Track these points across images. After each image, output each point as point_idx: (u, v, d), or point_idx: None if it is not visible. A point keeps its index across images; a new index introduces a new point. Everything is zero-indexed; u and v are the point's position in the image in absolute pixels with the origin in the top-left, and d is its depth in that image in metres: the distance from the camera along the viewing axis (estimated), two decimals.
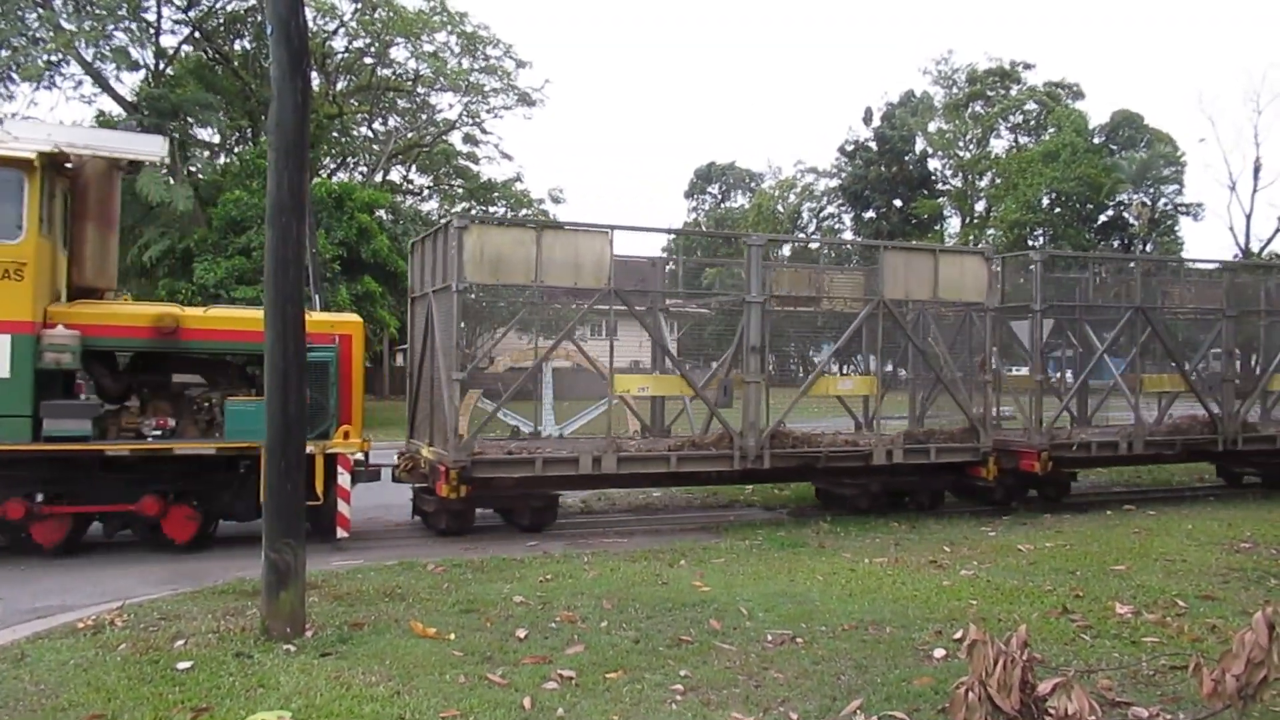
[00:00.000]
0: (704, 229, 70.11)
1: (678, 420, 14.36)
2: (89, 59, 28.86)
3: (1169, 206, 51.94)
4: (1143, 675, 5.88)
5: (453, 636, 6.56)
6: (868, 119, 59.38)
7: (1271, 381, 15.75)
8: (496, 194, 39.54)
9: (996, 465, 13.13)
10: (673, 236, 25.93)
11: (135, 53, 30.22)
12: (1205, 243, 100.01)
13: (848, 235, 59.26)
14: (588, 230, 11.56)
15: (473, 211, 39.48)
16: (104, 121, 30.03)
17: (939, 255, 13.21)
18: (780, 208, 63.69)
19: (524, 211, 38.84)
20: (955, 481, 13.63)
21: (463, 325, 11.57)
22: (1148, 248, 49.44)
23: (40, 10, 27.38)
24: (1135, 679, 5.82)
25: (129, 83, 31.03)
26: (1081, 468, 14.79)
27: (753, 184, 77.72)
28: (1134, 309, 14.29)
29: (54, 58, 28.29)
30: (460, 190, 40.79)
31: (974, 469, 13.20)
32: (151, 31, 30.71)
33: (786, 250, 53.24)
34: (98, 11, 28.42)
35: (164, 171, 28.46)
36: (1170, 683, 5.72)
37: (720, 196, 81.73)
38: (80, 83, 30.42)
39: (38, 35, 27.49)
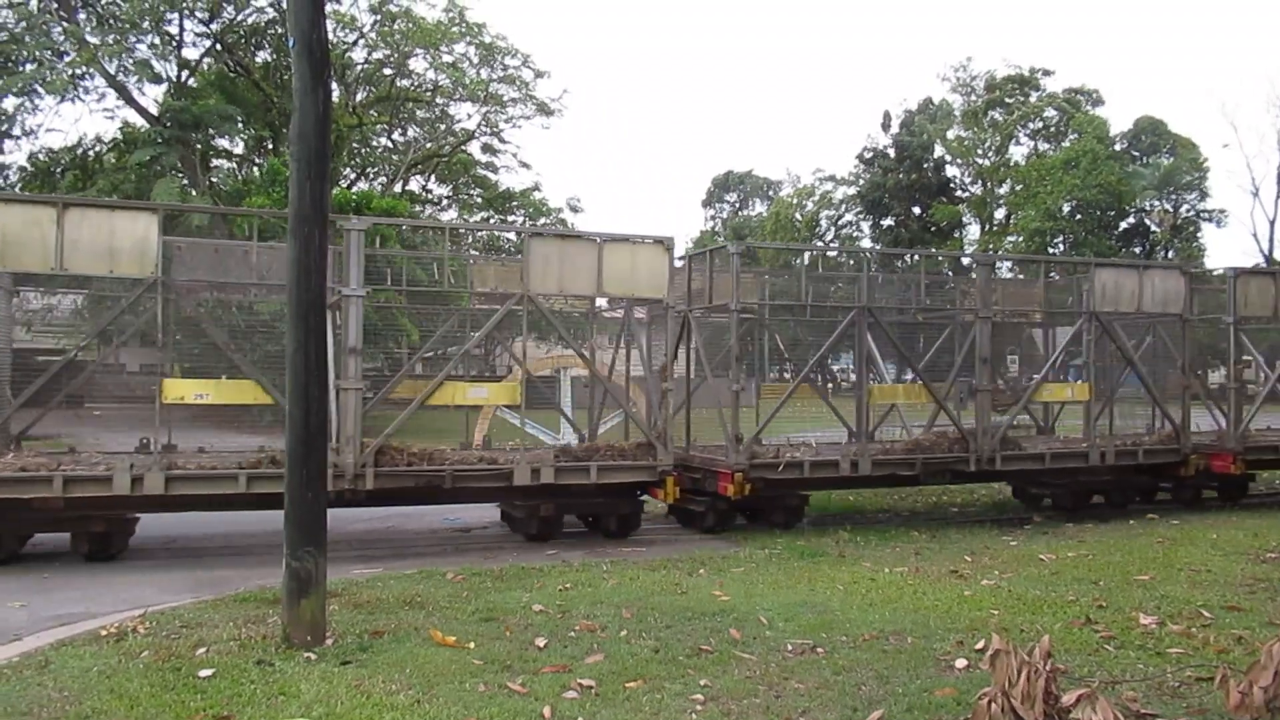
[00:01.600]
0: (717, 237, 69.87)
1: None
2: (112, 72, 29.20)
3: (1191, 213, 51.51)
4: (1168, 687, 5.82)
5: (472, 645, 6.57)
6: (886, 125, 59.19)
7: (1039, 392, 14.60)
8: (515, 203, 39.66)
9: (676, 485, 11.78)
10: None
11: (158, 65, 30.60)
12: (1229, 249, 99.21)
13: (865, 243, 59.04)
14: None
15: (490, 220, 39.71)
16: (128, 134, 30.37)
17: (603, 245, 11.67)
18: (798, 215, 63.55)
19: (542, 220, 38.92)
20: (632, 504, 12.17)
21: None
22: (1170, 255, 49.05)
23: (64, 24, 27.71)
24: (1160, 690, 5.76)
25: (151, 95, 31.36)
26: (804, 489, 12.83)
27: (770, 192, 77.71)
28: (858, 309, 12.75)
29: (78, 71, 28.62)
30: (479, 200, 40.95)
31: (652, 490, 11.94)
32: (174, 44, 31.09)
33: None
34: (121, 25, 28.78)
35: (184, 182, 28.78)
36: (1196, 694, 5.66)
37: (738, 205, 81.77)
38: (104, 95, 30.80)
39: (62, 49, 27.84)
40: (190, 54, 32.09)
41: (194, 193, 28.59)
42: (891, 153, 58.48)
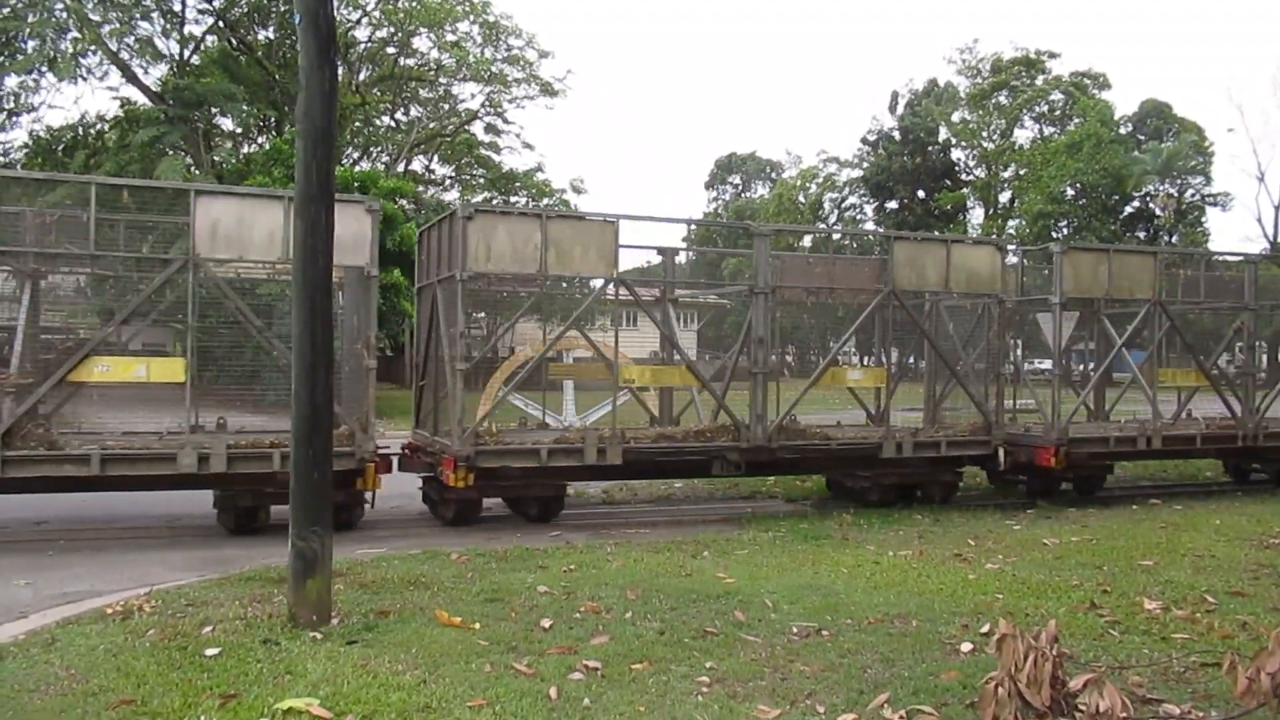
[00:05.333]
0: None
1: None
2: (115, 50, 29.06)
3: (1196, 197, 51.30)
4: (1173, 672, 5.82)
5: (478, 626, 6.58)
6: (893, 105, 58.94)
7: (826, 377, 13.02)
8: (518, 184, 39.57)
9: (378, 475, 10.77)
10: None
11: (160, 44, 30.46)
12: (1234, 234, 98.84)
13: (869, 227, 58.87)
14: None
15: (494, 201, 39.58)
16: (130, 112, 30.26)
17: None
18: (801, 198, 63.37)
19: (545, 201, 38.85)
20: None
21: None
22: (1174, 239, 48.90)
23: (67, 2, 27.56)
24: (1166, 676, 5.76)
25: (154, 74, 31.19)
26: (560, 478, 11.81)
27: (773, 174, 77.48)
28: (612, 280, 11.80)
29: (81, 49, 28.49)
30: (482, 180, 40.84)
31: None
32: (176, 22, 30.92)
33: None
34: (123, 2, 28.62)
35: (187, 161, 28.69)
36: (1202, 680, 5.66)
37: (741, 187, 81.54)
38: (106, 73, 30.66)
39: (64, 25, 27.70)
40: (192, 31, 31.95)
41: (197, 172, 28.48)
42: (896, 136, 58.26)
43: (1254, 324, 15.19)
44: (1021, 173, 52.52)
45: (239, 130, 34.95)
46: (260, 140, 34.29)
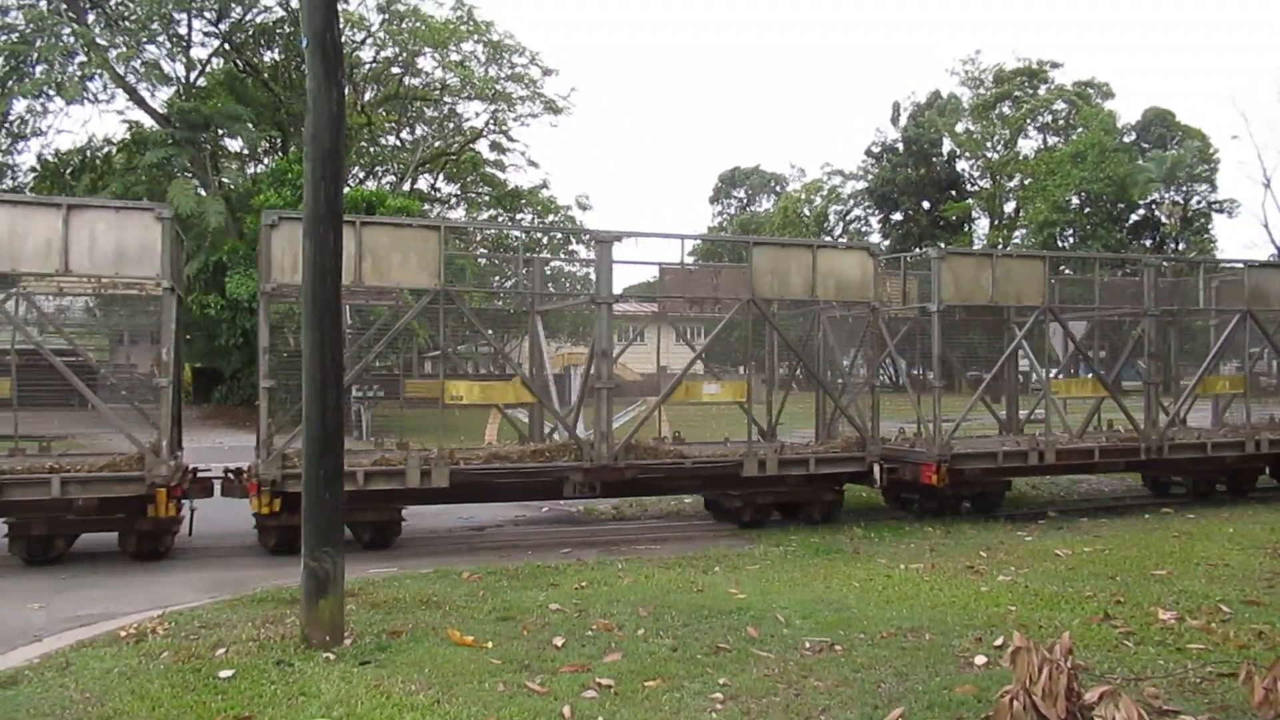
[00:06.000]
0: (720, 236, 69.68)
1: None
2: (122, 73, 29.27)
3: (1202, 205, 51.24)
4: (1190, 683, 5.79)
5: (490, 644, 6.57)
6: (895, 116, 59.03)
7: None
8: (523, 201, 39.67)
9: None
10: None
11: (167, 67, 30.67)
12: (1240, 241, 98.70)
13: (874, 238, 58.89)
14: None
15: (500, 219, 39.72)
16: (137, 134, 30.47)
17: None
18: (806, 211, 63.39)
19: (550, 218, 38.93)
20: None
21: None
22: (1180, 247, 48.81)
23: (74, 26, 27.79)
24: (1182, 687, 5.73)
25: (161, 96, 31.40)
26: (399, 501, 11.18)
27: (778, 188, 77.49)
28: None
29: (88, 72, 28.70)
30: (487, 198, 40.96)
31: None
32: (182, 45, 31.14)
33: None
34: (130, 27, 28.85)
35: (195, 183, 28.86)
36: (1218, 691, 5.63)
37: (745, 201, 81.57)
38: (113, 96, 30.88)
39: (72, 49, 27.92)
40: (198, 54, 32.18)
41: (205, 194, 28.65)
42: (900, 147, 58.33)
43: (1154, 330, 14.33)
44: (1026, 182, 52.53)
45: (245, 151, 35.14)
46: (266, 160, 34.46)
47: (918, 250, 13.07)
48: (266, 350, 10.34)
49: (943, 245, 43.35)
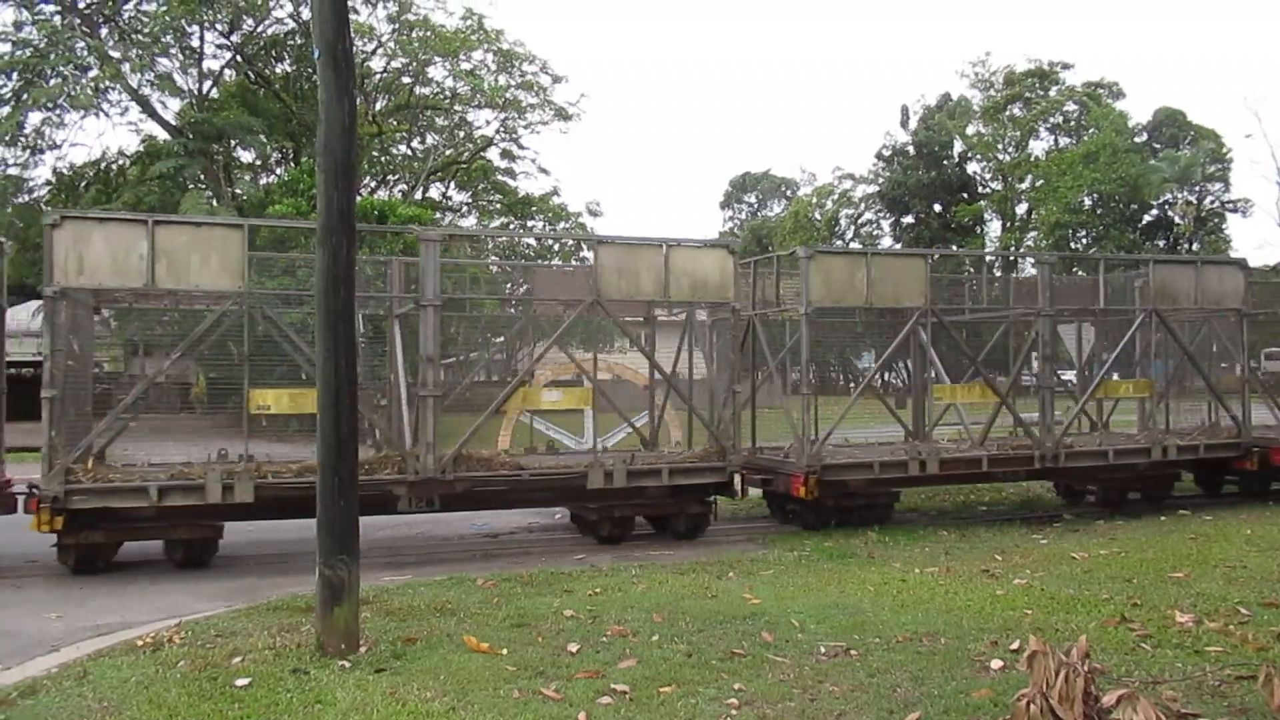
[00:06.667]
0: (741, 239, 69.76)
1: None
2: (135, 86, 29.47)
3: (1215, 204, 50.96)
4: (1208, 686, 5.75)
5: (505, 651, 6.58)
6: (905, 120, 58.89)
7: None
8: (534, 208, 39.76)
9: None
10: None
11: (180, 79, 30.85)
12: (1255, 240, 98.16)
13: (886, 242, 58.77)
14: None
15: (510, 226, 39.80)
16: (150, 146, 30.66)
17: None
18: (818, 215, 63.30)
19: (562, 224, 38.99)
20: None
21: None
22: (1194, 246, 48.55)
23: (88, 40, 28.00)
24: (1200, 690, 5.70)
25: (173, 108, 31.59)
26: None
27: (788, 192, 77.47)
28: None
29: (101, 85, 28.89)
30: (498, 205, 41.08)
31: None
32: (195, 57, 31.34)
33: None
34: (142, 39, 29.05)
35: (208, 194, 29.02)
36: (1237, 694, 5.59)
37: (756, 205, 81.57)
38: (126, 109, 31.08)
39: (85, 63, 28.11)
40: (210, 66, 32.37)
41: (218, 205, 28.78)
42: (911, 150, 58.20)
43: (1048, 331, 13.77)
44: (1038, 184, 52.35)
45: (258, 162, 35.32)
46: (279, 171, 34.62)
47: (797, 249, 12.47)
48: (48, 357, 9.70)
49: (951, 247, 43.22)
